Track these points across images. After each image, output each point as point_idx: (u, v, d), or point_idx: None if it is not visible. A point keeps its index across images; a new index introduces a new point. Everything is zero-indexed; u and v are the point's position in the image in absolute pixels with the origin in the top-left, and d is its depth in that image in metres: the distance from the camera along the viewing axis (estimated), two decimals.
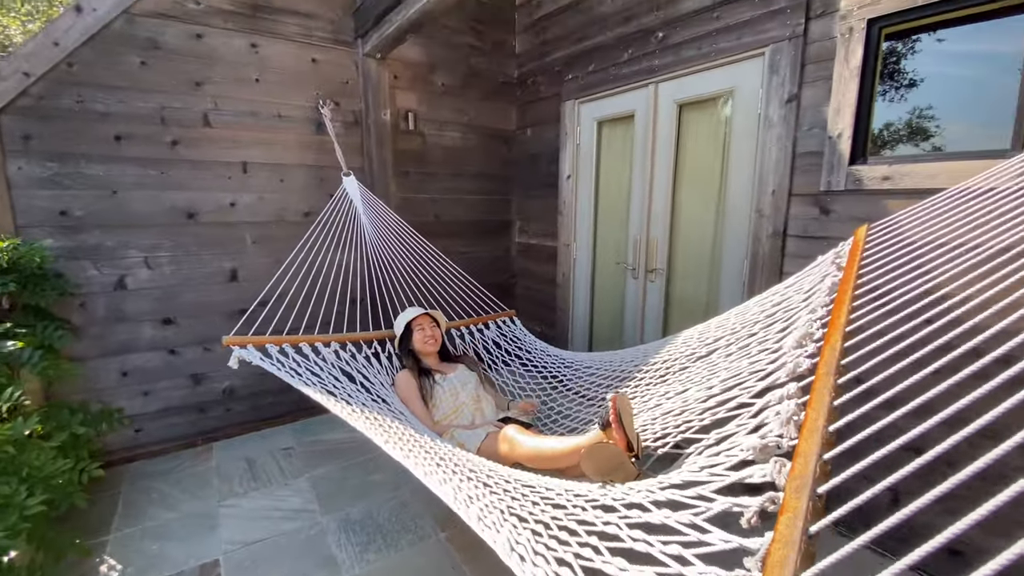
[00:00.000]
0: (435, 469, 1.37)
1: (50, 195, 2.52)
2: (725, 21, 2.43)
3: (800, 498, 0.67)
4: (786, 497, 0.70)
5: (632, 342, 3.11)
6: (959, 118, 1.87)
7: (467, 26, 3.66)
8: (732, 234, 2.54)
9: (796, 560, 0.61)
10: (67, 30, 2.50)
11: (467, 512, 1.09)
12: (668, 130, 2.78)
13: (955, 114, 1.88)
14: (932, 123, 1.93)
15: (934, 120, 1.92)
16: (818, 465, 0.72)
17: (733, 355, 1.39)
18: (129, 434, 2.79)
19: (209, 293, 2.95)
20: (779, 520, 0.67)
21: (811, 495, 0.67)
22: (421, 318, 2.47)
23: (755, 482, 0.83)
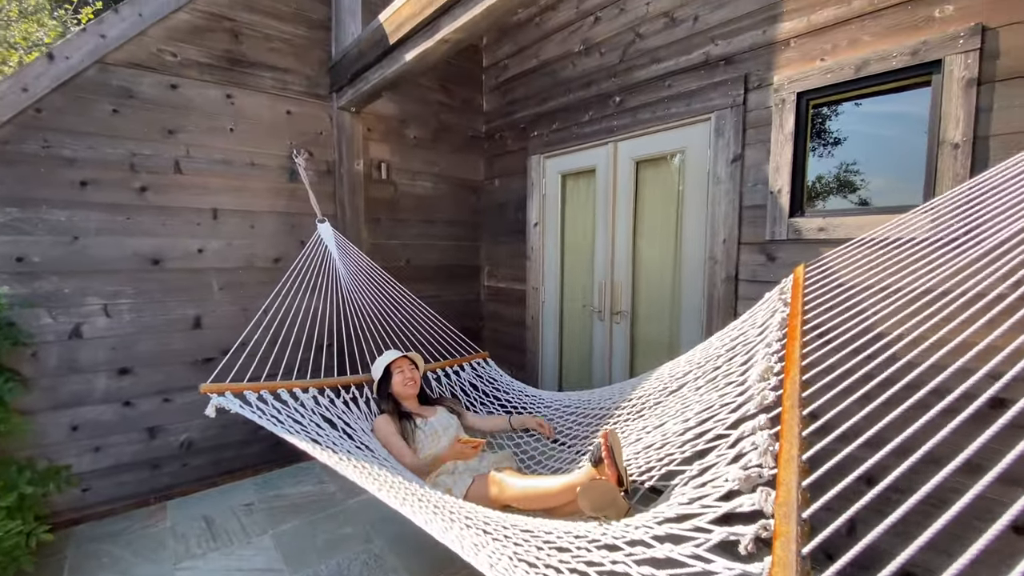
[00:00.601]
0: (433, 517, 1.38)
1: (7, 240, 2.42)
2: (676, 89, 2.72)
3: (789, 523, 0.75)
4: (776, 524, 0.78)
5: (601, 382, 3.21)
6: (881, 173, 2.15)
7: (438, 84, 3.88)
8: (689, 278, 2.74)
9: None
10: (37, 76, 2.49)
11: (476, 559, 1.11)
12: (627, 183, 3.01)
13: (877, 169, 2.16)
14: (857, 177, 2.21)
15: (859, 174, 2.20)
16: (799, 492, 0.82)
17: (702, 388, 1.51)
18: (76, 493, 2.59)
19: (170, 341, 2.85)
20: (774, 545, 0.75)
21: (798, 520, 0.76)
22: (400, 360, 2.49)
23: (745, 511, 0.91)
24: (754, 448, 0.96)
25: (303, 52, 3.22)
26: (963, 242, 1.22)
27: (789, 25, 2.26)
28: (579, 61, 3.27)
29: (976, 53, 1.73)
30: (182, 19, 2.80)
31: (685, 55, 2.68)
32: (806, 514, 0.75)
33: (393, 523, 2.59)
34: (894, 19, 1.95)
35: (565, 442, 2.25)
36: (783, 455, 0.87)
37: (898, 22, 1.94)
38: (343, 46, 3.15)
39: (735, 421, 1.19)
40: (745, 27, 2.42)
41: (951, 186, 1.79)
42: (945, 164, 1.82)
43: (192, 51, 2.84)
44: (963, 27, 1.77)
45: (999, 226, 1.17)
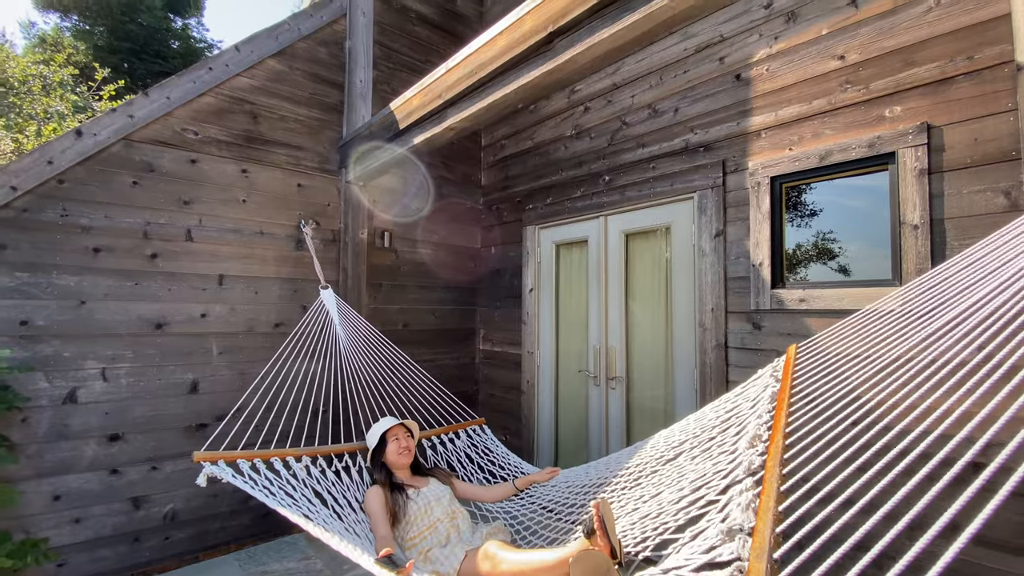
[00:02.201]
0: None
1: (12, 304, 2.48)
2: (660, 171, 2.96)
3: (761, 561, 0.82)
4: (750, 564, 0.85)
5: (598, 448, 3.20)
6: (854, 241, 2.30)
7: (439, 161, 4.15)
8: (681, 345, 2.83)
9: None
10: (63, 151, 2.66)
11: None
12: (618, 254, 3.18)
13: (851, 238, 2.31)
14: (834, 245, 2.36)
15: (835, 242, 2.35)
16: (772, 537, 0.89)
17: (697, 457, 1.55)
18: (51, 569, 2.46)
19: (164, 406, 2.83)
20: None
21: (768, 559, 0.83)
22: (396, 428, 2.49)
23: (725, 559, 0.96)
24: (739, 507, 1.02)
25: (316, 132, 3.47)
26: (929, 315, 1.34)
27: (759, 119, 2.53)
28: (571, 144, 3.55)
29: (924, 147, 1.95)
30: (207, 102, 3.04)
31: (667, 141, 2.94)
32: (777, 554, 0.81)
33: None
34: (851, 117, 2.20)
35: (560, 513, 2.22)
36: (761, 507, 0.93)
37: (854, 120, 2.19)
38: (354, 127, 3.41)
39: (725, 487, 1.24)
40: (720, 119, 2.70)
41: (915, 262, 1.95)
42: (908, 243, 1.99)
43: (213, 130, 3.06)
44: (911, 125, 2.01)
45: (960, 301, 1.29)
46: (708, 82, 2.75)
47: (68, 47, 10.65)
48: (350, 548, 1.61)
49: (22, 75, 6.64)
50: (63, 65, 7.45)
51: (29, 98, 6.77)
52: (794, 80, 2.40)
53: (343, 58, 3.61)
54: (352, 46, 3.55)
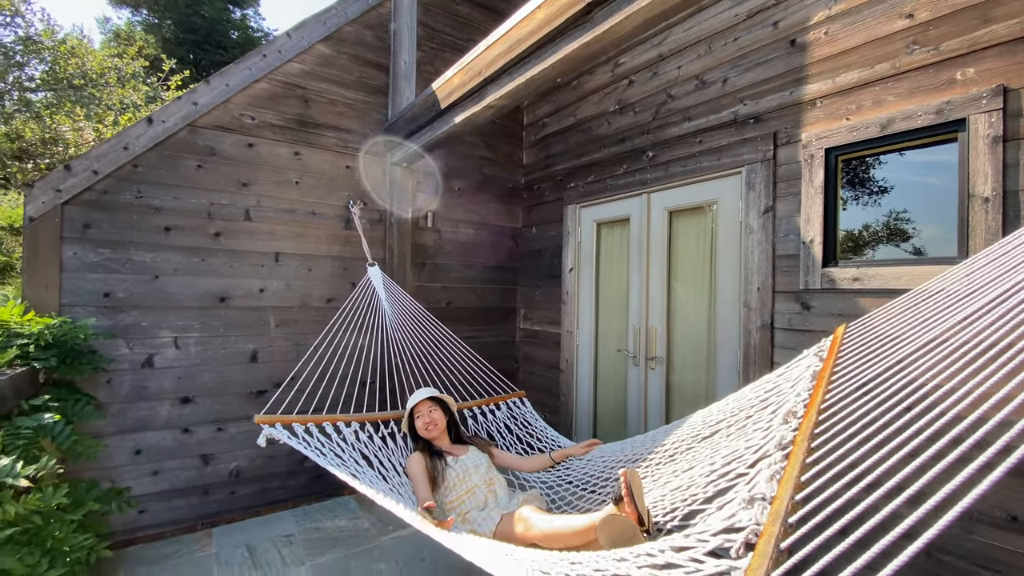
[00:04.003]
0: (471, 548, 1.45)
1: (97, 278, 2.74)
2: (707, 145, 2.86)
3: (775, 524, 0.83)
4: (764, 526, 0.86)
5: (636, 428, 3.20)
6: (918, 214, 2.14)
7: (481, 141, 4.18)
8: (725, 326, 2.76)
9: (768, 564, 0.76)
10: (137, 137, 2.89)
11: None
12: (660, 232, 3.12)
13: (914, 211, 2.16)
14: (895, 220, 2.21)
15: (900, 222, 2.21)
16: (790, 503, 0.88)
17: (733, 435, 1.54)
18: (132, 515, 2.77)
19: (228, 373, 3.07)
20: (759, 542, 0.83)
21: (783, 523, 0.83)
22: (420, 406, 2.54)
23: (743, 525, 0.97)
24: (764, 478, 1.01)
25: (363, 114, 3.58)
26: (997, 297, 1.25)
27: (815, 87, 2.38)
28: (614, 119, 3.48)
29: (999, 113, 1.79)
30: (262, 88, 3.20)
31: (715, 114, 2.83)
32: (792, 519, 0.81)
33: (424, 561, 2.62)
34: (917, 81, 2.04)
35: (595, 487, 2.25)
36: (785, 477, 0.93)
37: (921, 84, 2.03)
38: (398, 109, 3.49)
39: (755, 461, 1.23)
40: (772, 88, 2.56)
41: (984, 238, 1.80)
42: (976, 217, 1.85)
43: (268, 114, 3.22)
44: (985, 88, 1.84)
45: None
46: (760, 49, 2.62)
47: (139, 40, 11.37)
48: (393, 504, 1.71)
49: (100, 68, 7.17)
50: (135, 58, 7.98)
51: (107, 90, 7.31)
52: (855, 43, 2.24)
53: (388, 40, 3.67)
54: (397, 28, 3.61)
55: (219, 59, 12.71)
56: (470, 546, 1.45)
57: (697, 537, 0.99)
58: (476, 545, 1.49)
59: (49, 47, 6.53)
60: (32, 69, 6.54)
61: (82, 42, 7.29)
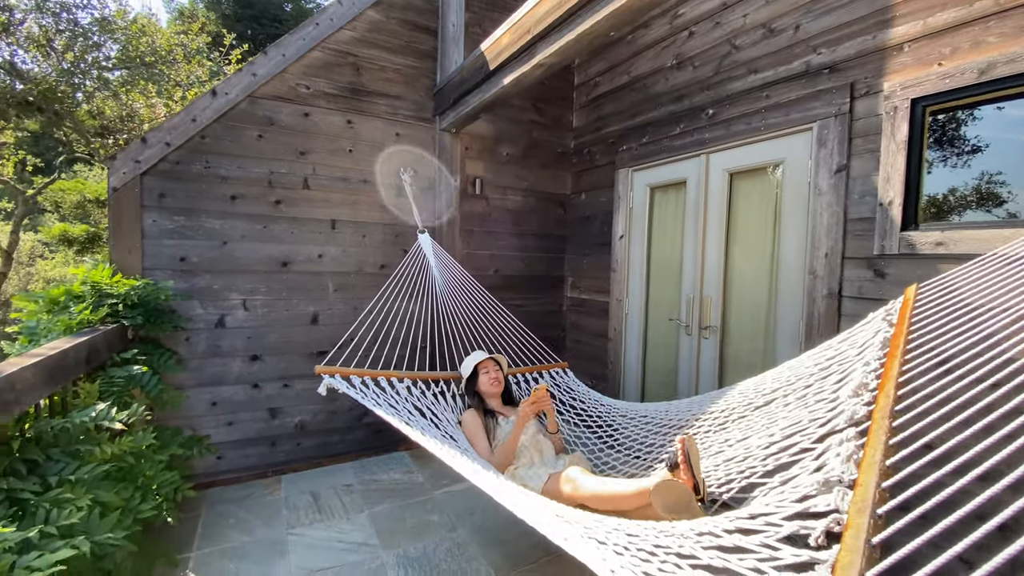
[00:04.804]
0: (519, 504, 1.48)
1: (174, 244, 2.95)
2: (774, 100, 2.65)
3: (862, 515, 0.77)
4: (849, 517, 0.80)
5: (687, 396, 3.14)
6: (1017, 174, 1.91)
7: (530, 104, 4.08)
8: (786, 294, 2.62)
9: (861, 563, 0.71)
10: (203, 109, 3.02)
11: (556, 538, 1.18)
12: (719, 196, 2.96)
13: (1013, 171, 1.92)
14: (1004, 189, 1.97)
15: (1005, 186, 1.96)
16: (877, 491, 0.82)
17: (791, 405, 1.47)
18: (212, 460, 3.04)
19: (292, 334, 3.26)
20: (844, 534, 0.78)
21: (872, 514, 0.77)
22: (487, 362, 2.65)
23: (820, 510, 0.92)
24: (838, 457, 0.96)
25: (412, 80, 3.57)
26: None
27: (902, 29, 2.13)
28: (671, 75, 3.28)
29: None
30: (316, 57, 3.25)
31: (784, 65, 2.61)
32: (881, 510, 0.75)
33: (475, 515, 2.73)
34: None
35: (639, 452, 2.24)
36: (866, 459, 0.86)
37: None
38: (447, 74, 3.45)
39: (822, 436, 1.17)
40: (852, 33, 2.32)
41: None
42: None
43: (322, 83, 3.28)
44: None
45: None
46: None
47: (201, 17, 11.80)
48: (447, 451, 1.78)
49: (167, 45, 7.52)
50: (198, 34, 8.30)
51: (174, 66, 7.68)
52: None
53: (436, 2, 3.61)
54: None
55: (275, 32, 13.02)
56: (521, 503, 1.48)
57: (766, 520, 0.96)
58: (528, 502, 1.52)
59: (122, 27, 6.91)
60: (108, 49, 6.95)
61: (151, 21, 7.66)
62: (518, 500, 1.53)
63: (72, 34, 6.61)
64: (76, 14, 6.59)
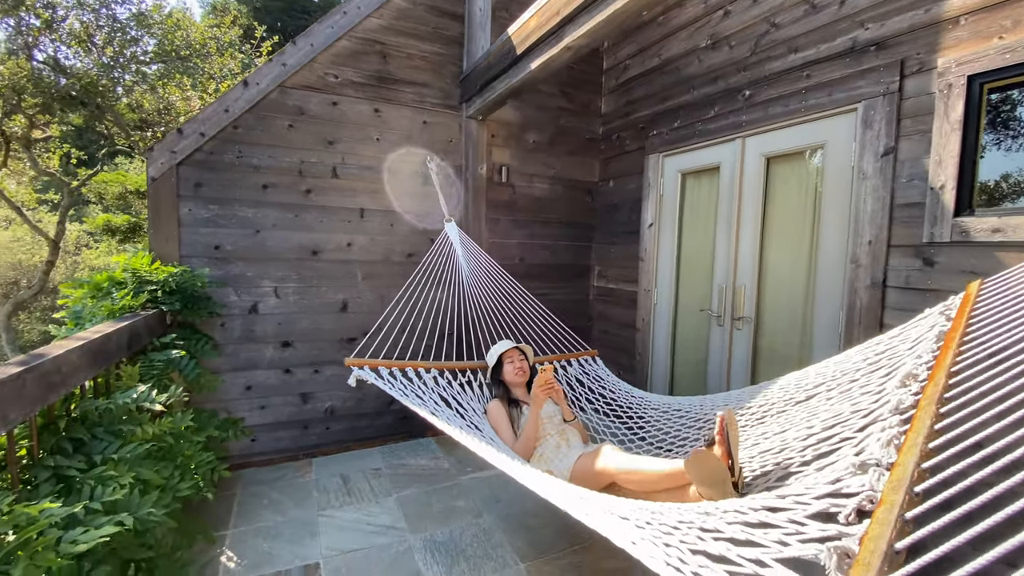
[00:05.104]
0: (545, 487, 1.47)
1: (209, 232, 3.03)
2: (815, 80, 2.53)
3: (897, 493, 0.74)
4: (884, 493, 0.77)
5: (717, 390, 3.06)
6: None
7: (558, 90, 4.01)
8: (825, 284, 2.51)
9: (891, 534, 0.67)
10: (236, 100, 3.07)
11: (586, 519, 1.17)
12: (755, 181, 2.85)
13: None
14: None
15: None
16: (916, 471, 0.78)
17: (834, 399, 1.41)
18: (246, 442, 3.14)
19: (322, 321, 3.32)
20: (877, 509, 0.75)
21: (908, 491, 0.73)
22: (511, 351, 2.64)
23: (852, 491, 0.88)
24: (878, 441, 0.91)
25: (438, 67, 3.55)
26: None
27: (959, 1, 1.99)
28: (705, 56, 3.17)
29: None
30: (343, 45, 3.26)
31: (828, 42, 2.48)
32: (919, 488, 0.71)
33: (500, 503, 2.74)
34: None
35: (673, 446, 2.20)
36: (907, 443, 0.82)
37: None
38: (473, 60, 3.41)
39: (864, 426, 1.11)
40: (902, 7, 2.18)
41: None
42: None
43: (350, 72, 3.29)
44: None
45: None
46: None
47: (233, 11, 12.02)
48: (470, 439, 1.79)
49: (201, 39, 7.69)
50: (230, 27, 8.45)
51: (208, 60, 7.85)
52: None
53: None
54: None
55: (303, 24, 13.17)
56: (546, 486, 1.47)
57: (795, 499, 0.92)
58: (552, 485, 1.51)
59: (158, 21, 7.09)
60: (145, 44, 7.16)
61: (185, 15, 7.83)
62: (543, 484, 1.52)
63: (111, 29, 6.82)
64: (114, 9, 6.79)
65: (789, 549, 0.82)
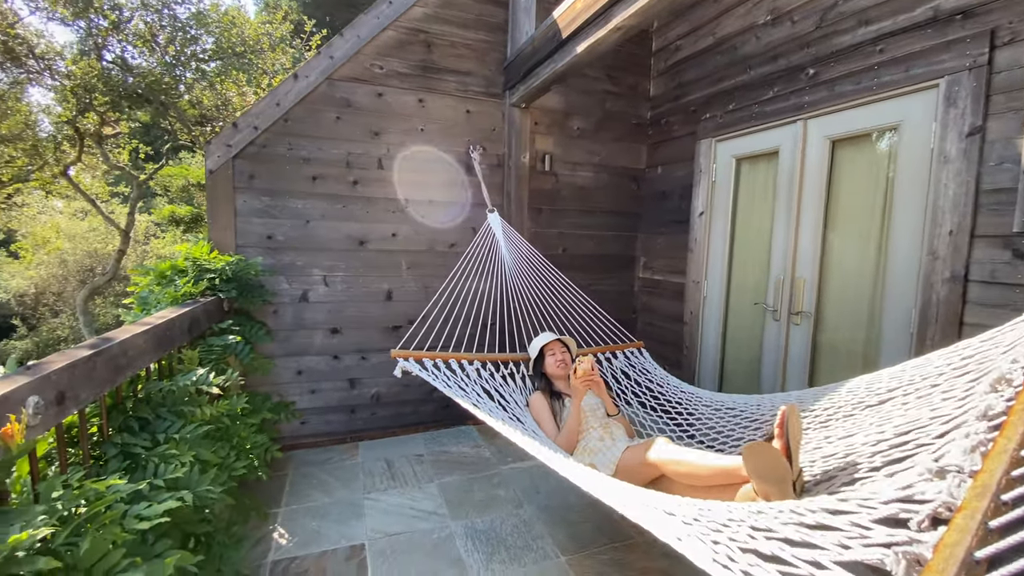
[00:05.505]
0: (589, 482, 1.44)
1: (262, 222, 3.14)
2: (890, 54, 2.31)
3: (981, 500, 0.66)
4: (965, 500, 0.69)
5: (771, 389, 2.92)
6: None
7: (604, 74, 3.89)
8: (896, 277, 2.32)
9: (971, 542, 0.60)
10: (286, 93, 3.15)
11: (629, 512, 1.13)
12: (818, 167, 2.66)
13: None
14: None
15: None
16: (1004, 478, 0.69)
17: (911, 404, 1.29)
18: (296, 425, 3.27)
19: (368, 309, 3.39)
20: (956, 516, 0.67)
21: (994, 498, 0.65)
22: (553, 344, 2.60)
23: (926, 498, 0.79)
24: (960, 447, 0.81)
25: (482, 55, 3.51)
26: None
27: None
28: (764, 33, 2.97)
29: None
30: (389, 36, 3.27)
31: (905, 13, 2.26)
32: (1007, 496, 0.63)
33: (540, 494, 2.73)
34: None
35: (725, 446, 2.10)
36: (995, 449, 0.73)
37: None
38: (518, 45, 3.35)
39: (944, 432, 1.01)
40: None
41: None
42: None
43: (395, 63, 3.30)
44: None
45: None
46: None
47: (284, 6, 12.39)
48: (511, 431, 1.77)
49: (255, 35, 7.97)
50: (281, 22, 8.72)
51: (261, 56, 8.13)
52: None
53: None
54: None
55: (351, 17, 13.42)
56: (589, 480, 1.44)
57: (859, 502, 0.84)
58: (595, 479, 1.47)
59: (215, 20, 7.40)
60: (203, 42, 7.49)
61: (240, 12, 8.13)
62: (585, 478, 1.49)
63: (172, 28, 7.18)
64: (175, 9, 7.14)
65: (850, 552, 0.76)
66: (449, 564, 2.18)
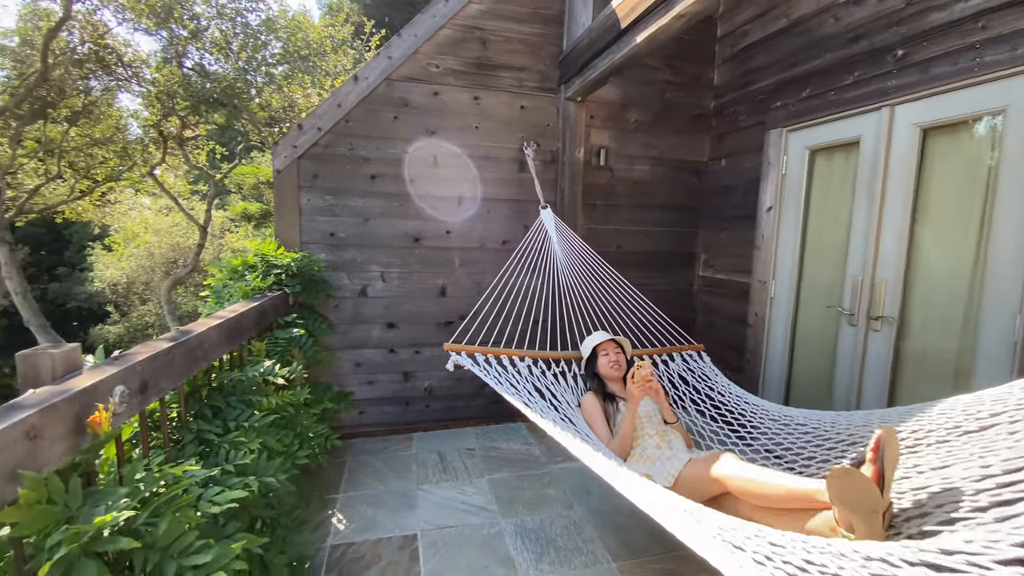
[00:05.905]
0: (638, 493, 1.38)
1: (325, 220, 3.26)
2: (994, 31, 2.06)
3: None
4: None
5: (844, 400, 2.71)
6: None
7: (664, 64, 3.73)
8: (998, 280, 2.07)
9: None
10: (347, 94, 3.25)
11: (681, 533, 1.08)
12: (906, 157, 2.42)
13: None
14: None
15: None
16: None
17: (1020, 434, 1.14)
18: (355, 415, 3.40)
19: (423, 305, 3.46)
20: None
21: None
22: (606, 343, 2.54)
23: None
24: None
25: (537, 49, 3.47)
26: None
27: None
28: (844, 13, 2.73)
29: None
30: (445, 34, 3.29)
31: None
32: None
33: (591, 496, 2.68)
34: None
35: (795, 465, 1.94)
36: None
37: None
38: (574, 38, 3.28)
39: None
40: None
41: None
42: None
43: (450, 61, 3.32)
44: None
45: None
46: None
47: (346, 9, 12.84)
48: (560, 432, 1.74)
49: (318, 39, 8.32)
50: (343, 24, 9.04)
51: (324, 58, 8.48)
52: None
53: None
54: None
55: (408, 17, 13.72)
56: (644, 494, 1.38)
57: (969, 559, 0.74)
58: (653, 494, 1.41)
59: (283, 25, 7.78)
60: (272, 47, 7.90)
61: (305, 17, 8.51)
62: (643, 493, 1.42)
63: (245, 35, 7.62)
64: (247, 17, 7.57)
65: None
66: (499, 561, 2.18)
